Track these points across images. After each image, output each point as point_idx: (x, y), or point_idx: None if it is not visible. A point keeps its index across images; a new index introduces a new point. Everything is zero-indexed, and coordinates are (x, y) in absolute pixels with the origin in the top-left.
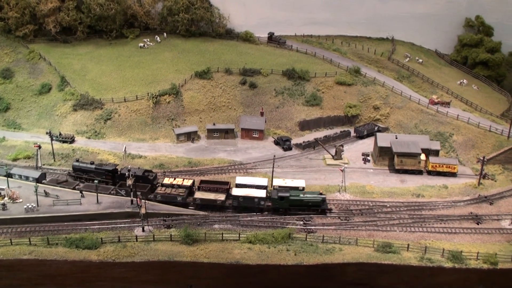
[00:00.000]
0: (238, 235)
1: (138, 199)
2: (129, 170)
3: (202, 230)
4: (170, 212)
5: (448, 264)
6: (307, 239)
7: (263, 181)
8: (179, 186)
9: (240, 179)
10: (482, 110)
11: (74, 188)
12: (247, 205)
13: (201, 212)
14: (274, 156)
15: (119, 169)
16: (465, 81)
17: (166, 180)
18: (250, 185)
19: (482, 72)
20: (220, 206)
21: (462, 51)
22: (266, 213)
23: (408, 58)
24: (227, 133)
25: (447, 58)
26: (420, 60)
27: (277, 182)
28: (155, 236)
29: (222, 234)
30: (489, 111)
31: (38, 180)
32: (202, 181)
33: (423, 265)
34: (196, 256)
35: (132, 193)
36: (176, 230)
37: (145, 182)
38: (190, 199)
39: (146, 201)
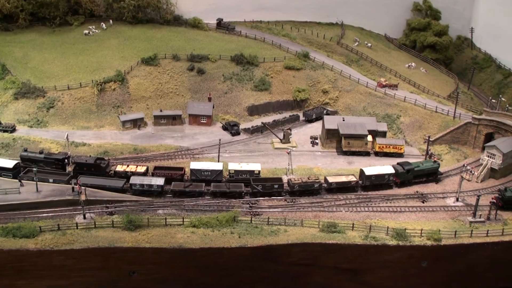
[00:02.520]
0: (182, 220)
1: (78, 186)
2: (68, 157)
3: (145, 215)
4: (113, 198)
5: (392, 242)
6: (252, 222)
7: (218, 166)
8: (132, 173)
9: (194, 164)
10: (429, 92)
11: (201, 193)
12: (378, 182)
13: (145, 198)
14: (220, 140)
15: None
16: (413, 64)
17: (119, 167)
18: (205, 170)
19: (430, 55)
20: (352, 187)
21: (411, 35)
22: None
23: (357, 43)
24: (174, 120)
25: (396, 42)
26: (369, 44)
27: (233, 166)
28: (96, 223)
29: (166, 219)
30: (436, 92)
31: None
32: (156, 167)
33: (367, 244)
34: (138, 242)
35: None
36: (118, 217)
37: (97, 170)
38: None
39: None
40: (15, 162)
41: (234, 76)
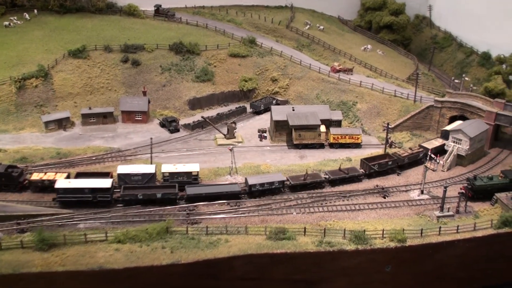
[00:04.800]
0: (105, 234)
1: None
2: None
3: (63, 231)
4: (26, 213)
5: (351, 246)
6: (189, 232)
7: (150, 168)
8: (50, 182)
9: (122, 168)
10: (387, 75)
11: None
12: None
13: (65, 210)
14: (151, 139)
15: None
16: (369, 46)
17: (35, 176)
18: (134, 174)
19: (387, 36)
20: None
21: (366, 16)
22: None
23: (308, 26)
24: (105, 118)
25: (351, 24)
26: (321, 27)
27: (167, 168)
28: (2, 244)
29: (85, 234)
30: (394, 75)
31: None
32: (78, 174)
33: (322, 250)
34: (49, 265)
35: None
36: (31, 234)
37: (8, 180)
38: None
39: None
40: (111, 180)
41: (173, 67)
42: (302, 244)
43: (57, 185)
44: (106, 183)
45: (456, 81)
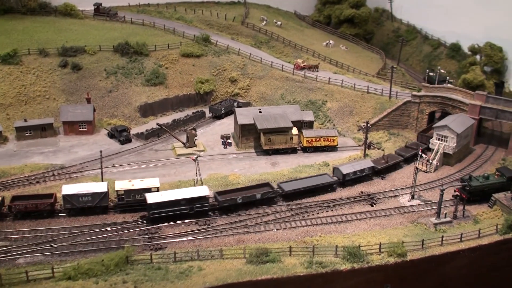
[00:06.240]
0: (51, 270)
1: None
2: None
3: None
4: None
5: (345, 266)
6: (153, 260)
7: (102, 187)
8: None
9: (68, 188)
10: (355, 70)
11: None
12: None
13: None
14: (101, 152)
15: None
16: (331, 41)
17: None
18: (83, 194)
19: (349, 30)
20: None
21: (324, 10)
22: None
23: (265, 22)
24: (44, 130)
25: (308, 19)
26: (279, 23)
27: (121, 185)
28: None
29: (27, 272)
30: (363, 71)
31: None
32: (14, 197)
33: (313, 273)
34: None
35: None
36: None
37: None
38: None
39: None
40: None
41: (120, 70)
42: (290, 266)
43: (149, 200)
44: (203, 191)
45: (431, 74)
